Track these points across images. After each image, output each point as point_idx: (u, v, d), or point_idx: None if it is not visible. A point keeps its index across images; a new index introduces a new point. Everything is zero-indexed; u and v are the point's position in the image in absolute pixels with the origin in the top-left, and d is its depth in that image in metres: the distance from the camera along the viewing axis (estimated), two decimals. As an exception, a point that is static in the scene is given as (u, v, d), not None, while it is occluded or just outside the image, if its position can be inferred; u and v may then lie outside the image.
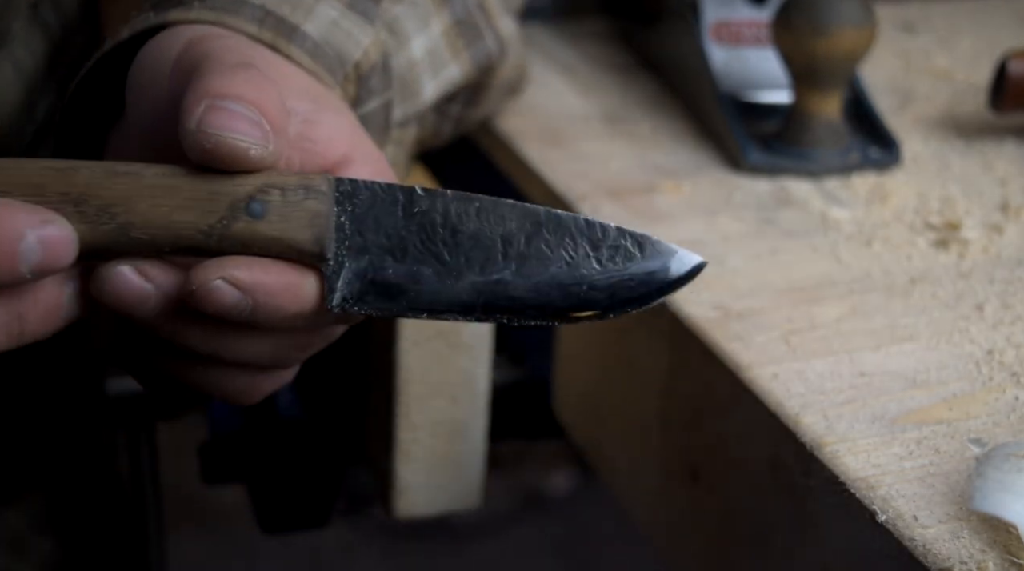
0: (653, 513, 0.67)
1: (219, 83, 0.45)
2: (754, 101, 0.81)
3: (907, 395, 0.56)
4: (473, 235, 0.47)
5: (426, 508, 0.73)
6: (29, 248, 0.43)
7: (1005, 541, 0.47)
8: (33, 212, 0.43)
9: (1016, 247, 0.68)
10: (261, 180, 0.45)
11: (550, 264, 0.47)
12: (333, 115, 0.51)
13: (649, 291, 0.48)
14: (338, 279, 0.46)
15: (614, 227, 0.47)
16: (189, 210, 0.45)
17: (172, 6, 0.55)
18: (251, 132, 0.45)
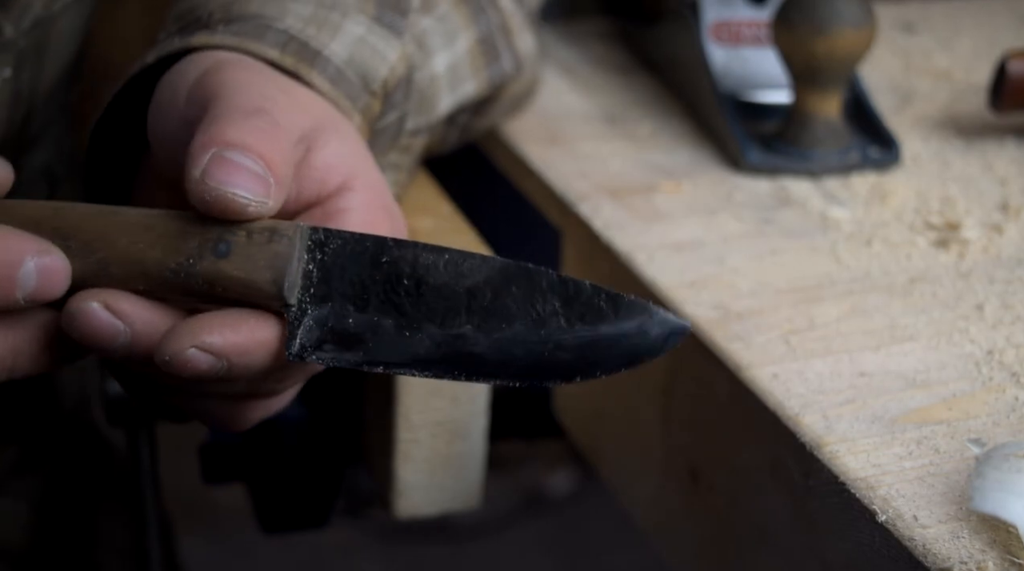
0: (653, 513, 0.67)
1: (228, 131, 0.46)
2: (754, 101, 0.81)
3: (907, 395, 0.56)
4: (438, 287, 0.46)
5: (426, 508, 0.73)
6: (27, 274, 0.44)
7: (1005, 541, 0.47)
8: (33, 241, 0.44)
9: (1016, 247, 0.68)
10: (230, 223, 0.46)
11: (515, 320, 0.45)
12: (337, 142, 0.51)
13: (621, 354, 0.46)
14: (299, 326, 0.46)
15: (588, 285, 0.46)
16: (160, 248, 0.45)
17: (199, 28, 0.55)
18: (253, 188, 0.45)
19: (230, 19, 0.56)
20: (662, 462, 0.65)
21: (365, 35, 0.59)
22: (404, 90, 0.61)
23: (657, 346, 0.46)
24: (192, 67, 0.52)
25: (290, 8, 0.57)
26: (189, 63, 0.53)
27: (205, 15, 0.57)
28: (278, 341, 0.46)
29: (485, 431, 0.73)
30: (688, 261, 0.66)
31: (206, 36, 0.54)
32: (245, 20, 0.56)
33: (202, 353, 0.45)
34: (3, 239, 0.44)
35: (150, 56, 0.55)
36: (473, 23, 0.69)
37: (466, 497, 0.74)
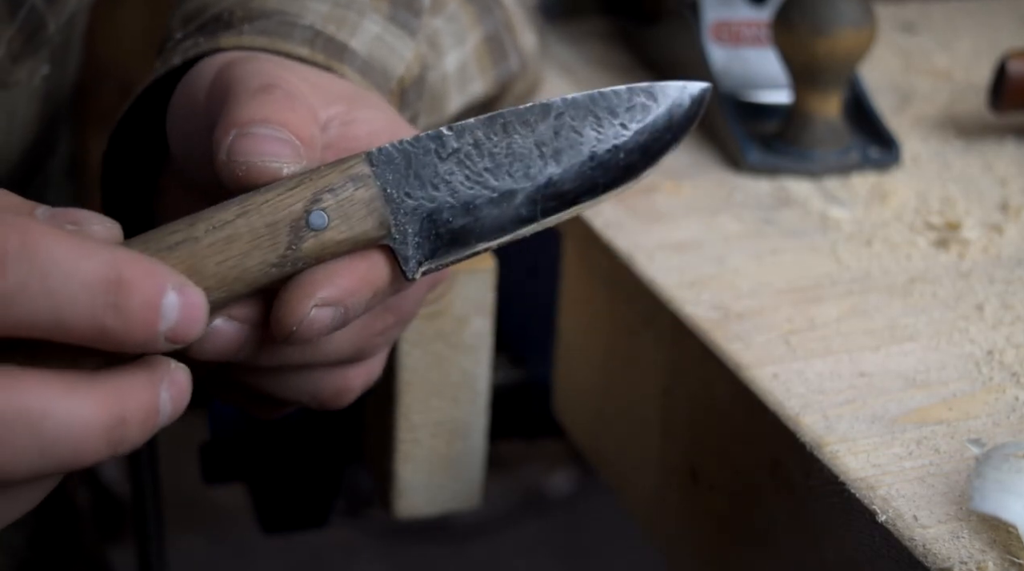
0: (653, 513, 0.67)
1: (244, 111, 0.46)
2: (754, 101, 0.81)
3: (907, 395, 0.56)
4: (509, 152, 0.48)
5: (426, 508, 0.73)
6: (170, 305, 0.40)
7: (1005, 541, 0.47)
8: (170, 272, 0.41)
9: (1016, 247, 0.68)
10: (308, 191, 0.45)
11: (584, 146, 0.48)
12: (371, 111, 0.51)
13: (673, 131, 0.50)
14: (408, 247, 0.47)
15: (624, 88, 0.49)
16: (256, 251, 0.44)
17: (221, 28, 0.55)
18: (281, 151, 0.45)
19: (252, 16, 0.55)
20: (662, 462, 0.65)
21: (382, 34, 0.59)
22: (417, 90, 0.61)
23: (694, 109, 0.51)
24: (206, 69, 0.52)
25: (308, 5, 0.57)
26: (202, 67, 0.52)
27: (225, 14, 0.56)
28: (378, 269, 0.47)
29: (485, 431, 0.73)
30: (688, 261, 0.66)
31: (234, 37, 0.54)
32: (268, 17, 0.55)
33: (322, 309, 0.45)
34: (141, 265, 0.40)
35: (176, 58, 0.55)
36: (479, 22, 0.69)
37: (466, 497, 0.74)
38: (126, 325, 0.39)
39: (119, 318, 0.39)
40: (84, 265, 0.39)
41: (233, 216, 0.44)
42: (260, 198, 0.44)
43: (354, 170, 0.46)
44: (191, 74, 0.52)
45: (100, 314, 0.39)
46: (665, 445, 0.65)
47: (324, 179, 0.45)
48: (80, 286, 0.38)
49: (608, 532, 1.89)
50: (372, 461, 0.77)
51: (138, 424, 0.40)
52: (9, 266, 0.38)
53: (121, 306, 0.39)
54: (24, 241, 0.38)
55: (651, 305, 0.64)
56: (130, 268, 0.39)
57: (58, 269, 0.38)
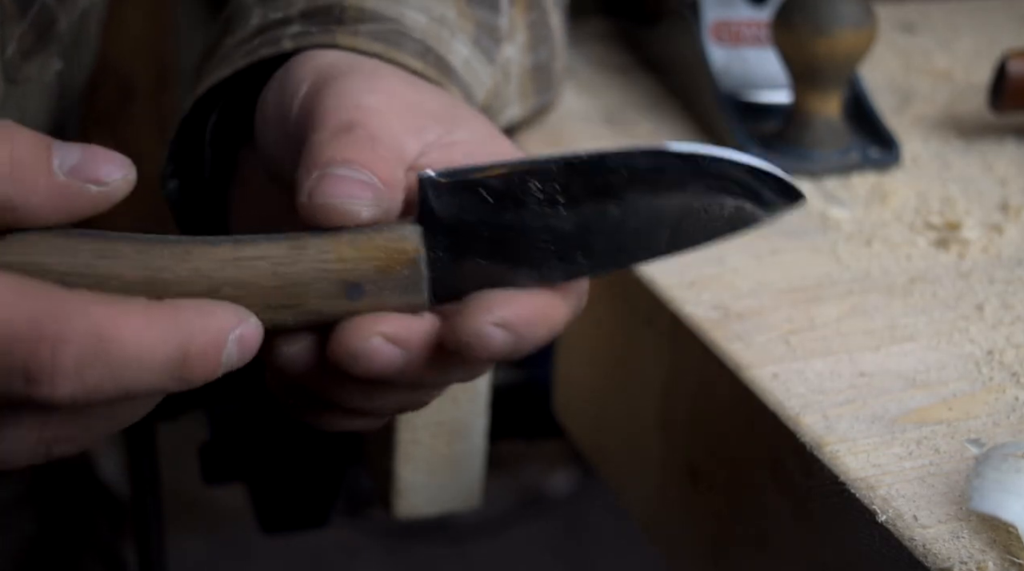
0: (653, 513, 0.67)
1: (327, 151, 0.46)
2: (754, 101, 0.81)
3: (907, 395, 0.56)
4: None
5: (426, 508, 0.73)
6: (229, 351, 0.42)
7: (1005, 541, 0.47)
8: (232, 312, 0.43)
9: (1016, 247, 0.68)
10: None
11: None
12: (468, 132, 0.50)
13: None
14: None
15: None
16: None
17: (333, 23, 0.54)
18: (361, 194, 0.45)
19: (363, 17, 0.55)
20: (662, 462, 0.65)
21: (469, 58, 0.59)
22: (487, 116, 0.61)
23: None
24: (299, 74, 0.51)
25: (407, 14, 0.56)
26: (297, 69, 0.52)
27: (336, 9, 0.55)
28: (562, 310, 0.46)
29: (485, 431, 0.73)
30: (688, 261, 0.66)
31: (350, 37, 0.53)
32: (378, 21, 0.55)
33: (499, 329, 0.44)
34: (207, 316, 0.42)
35: (287, 43, 0.54)
36: (532, 50, 0.69)
37: (466, 497, 0.74)
38: (189, 386, 0.42)
39: (182, 384, 0.42)
40: (152, 353, 0.41)
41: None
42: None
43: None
44: (292, 67, 0.52)
45: (165, 386, 0.42)
46: (665, 445, 0.65)
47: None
48: (149, 373, 0.41)
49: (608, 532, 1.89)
50: (372, 461, 0.77)
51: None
52: (86, 373, 0.40)
53: (185, 378, 0.42)
54: (98, 344, 0.40)
55: (651, 305, 0.64)
56: (196, 341, 0.41)
57: (130, 367, 0.40)
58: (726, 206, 0.46)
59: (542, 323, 0.45)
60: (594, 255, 0.46)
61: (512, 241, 0.45)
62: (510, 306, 0.44)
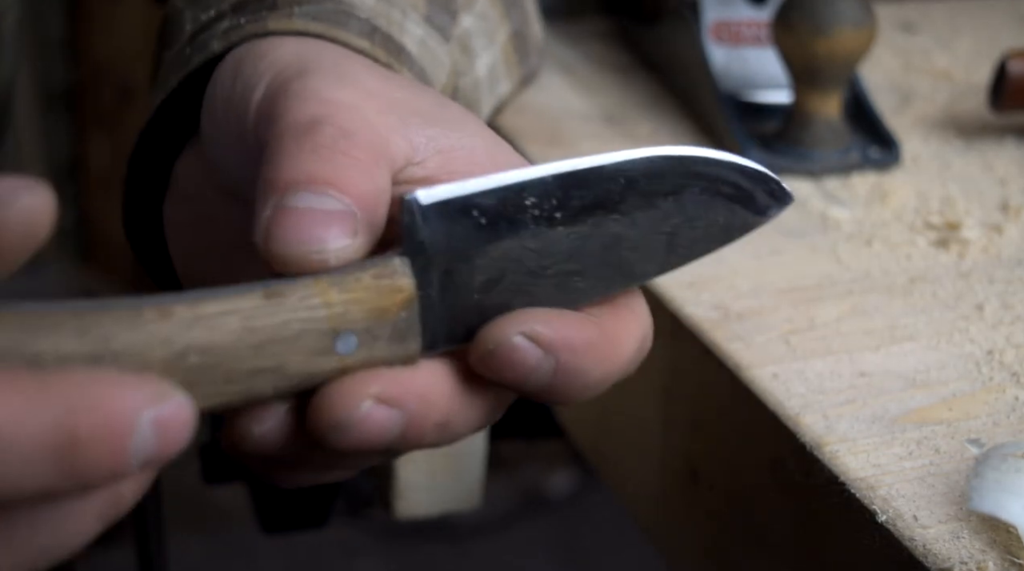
0: (653, 513, 0.67)
1: (286, 165, 0.38)
2: (754, 101, 0.81)
3: (907, 395, 0.56)
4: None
5: (426, 508, 0.73)
6: (141, 436, 0.32)
7: (1005, 541, 0.47)
8: (148, 384, 0.33)
9: (1016, 247, 0.68)
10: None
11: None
12: (466, 136, 0.43)
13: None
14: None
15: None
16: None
17: (266, 10, 0.47)
18: (324, 234, 0.37)
19: (300, 0, 0.48)
20: (662, 462, 0.65)
21: (425, 38, 0.53)
22: (453, 99, 0.56)
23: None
24: (253, 67, 0.44)
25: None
26: (248, 62, 0.45)
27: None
28: (612, 349, 0.40)
29: (485, 431, 0.73)
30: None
31: (284, 20, 0.46)
32: (318, 1, 0.48)
33: (529, 343, 0.38)
34: (107, 387, 0.32)
35: (215, 44, 0.47)
36: (507, 17, 0.63)
37: (466, 497, 0.74)
38: (86, 484, 0.32)
39: (76, 481, 0.32)
40: (26, 433, 0.31)
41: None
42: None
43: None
44: (235, 64, 0.45)
45: (53, 483, 0.32)
46: (665, 445, 0.65)
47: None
48: (24, 463, 0.31)
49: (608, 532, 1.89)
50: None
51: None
52: None
53: (79, 472, 0.32)
54: None
55: (651, 305, 0.64)
56: (85, 421, 0.32)
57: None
58: (721, 212, 0.43)
59: (592, 357, 0.39)
60: (592, 275, 0.41)
61: (508, 271, 0.40)
62: (551, 324, 0.39)
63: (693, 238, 0.43)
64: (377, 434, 0.37)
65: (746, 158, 0.76)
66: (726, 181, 0.43)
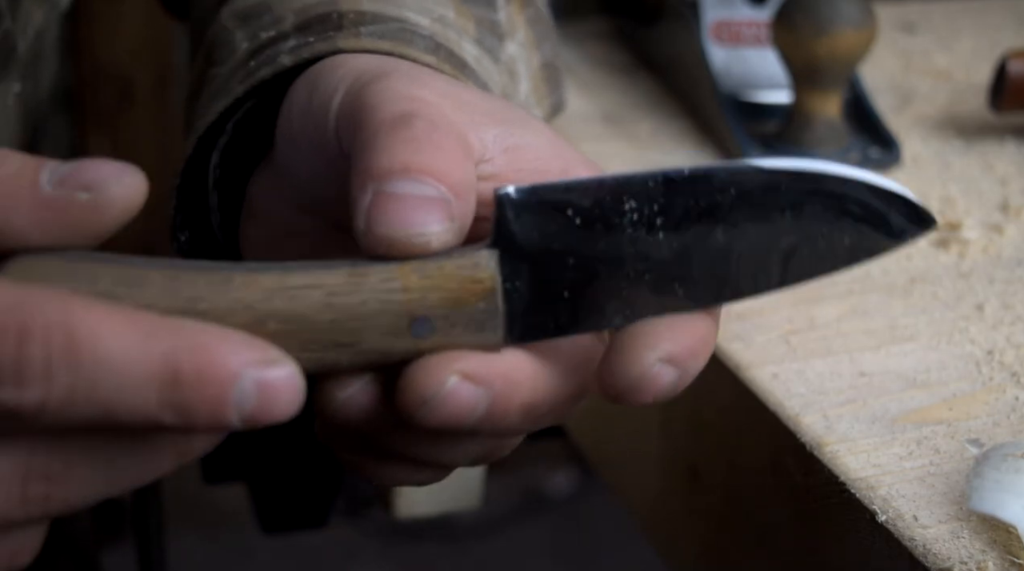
0: (653, 513, 0.67)
1: (381, 156, 0.39)
2: (754, 101, 0.81)
3: (907, 395, 0.56)
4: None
5: (426, 508, 0.73)
6: (243, 389, 0.35)
7: (1005, 541, 0.47)
8: (257, 347, 0.35)
9: (1016, 247, 0.68)
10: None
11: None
12: (532, 135, 0.44)
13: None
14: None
15: None
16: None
17: (331, 30, 0.48)
18: (426, 219, 0.38)
19: (363, 20, 0.49)
20: (662, 462, 0.65)
21: (480, 57, 0.54)
22: None
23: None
24: (331, 80, 0.45)
25: (411, 17, 0.51)
26: (325, 76, 0.45)
27: (334, 15, 0.50)
28: (715, 334, 0.41)
29: (485, 431, 0.73)
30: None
31: (352, 39, 0.48)
32: (382, 22, 0.49)
33: (666, 366, 0.39)
34: (213, 336, 0.35)
35: (285, 59, 0.48)
36: (539, 47, 0.65)
37: (466, 497, 0.74)
38: (188, 422, 0.35)
39: (179, 416, 0.35)
40: (136, 363, 0.34)
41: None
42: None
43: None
44: (305, 81, 0.46)
45: (156, 413, 0.35)
46: (665, 445, 0.65)
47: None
48: (132, 389, 0.34)
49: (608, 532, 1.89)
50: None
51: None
52: (54, 373, 0.34)
53: (180, 405, 0.35)
54: (69, 341, 0.34)
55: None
56: (190, 359, 0.34)
57: (107, 373, 0.34)
58: (847, 232, 0.41)
59: (703, 352, 0.41)
60: (694, 286, 0.40)
61: (602, 272, 0.40)
62: (675, 337, 0.39)
63: (814, 257, 0.41)
64: (464, 410, 0.38)
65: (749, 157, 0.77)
66: (854, 199, 0.41)
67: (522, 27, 0.64)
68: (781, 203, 0.40)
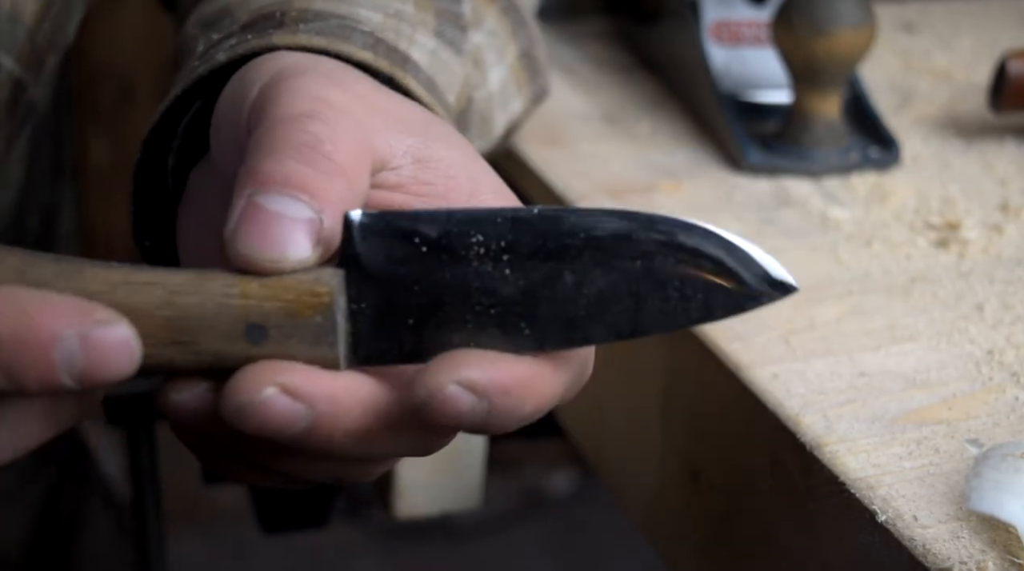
0: (653, 513, 0.67)
1: (266, 161, 0.39)
2: (754, 101, 0.81)
3: (907, 395, 0.56)
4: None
5: (426, 508, 0.73)
6: (68, 349, 0.35)
7: (1005, 541, 0.47)
8: (72, 305, 0.36)
9: (1016, 247, 0.68)
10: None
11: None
12: (446, 149, 0.44)
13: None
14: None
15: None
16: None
17: (273, 27, 0.49)
18: (289, 241, 0.38)
19: (306, 18, 0.49)
20: (662, 462, 0.65)
21: (436, 49, 0.54)
22: (467, 111, 0.57)
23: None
24: (255, 74, 0.45)
25: (360, 13, 0.51)
26: (252, 70, 0.46)
27: (277, 13, 0.50)
28: (552, 383, 0.40)
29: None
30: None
31: (289, 35, 0.48)
32: (324, 19, 0.50)
33: (463, 391, 0.38)
34: (24, 303, 0.35)
35: (221, 56, 0.48)
36: (515, 36, 0.65)
37: (466, 497, 0.74)
38: (19, 384, 0.36)
39: (8, 380, 0.35)
40: None
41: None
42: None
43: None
44: (240, 74, 0.47)
45: None
46: (665, 445, 0.65)
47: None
48: None
49: (608, 532, 1.90)
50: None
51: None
52: None
53: (4, 369, 0.35)
54: None
55: (651, 305, 0.64)
56: (7, 324, 0.35)
57: None
58: (700, 288, 0.40)
59: (524, 395, 0.39)
60: (541, 327, 0.40)
61: (448, 302, 0.40)
62: (483, 368, 0.38)
63: (666, 308, 0.40)
64: (277, 423, 0.38)
65: (747, 159, 0.77)
66: (708, 256, 0.40)
67: (491, 17, 0.64)
68: (631, 251, 0.40)
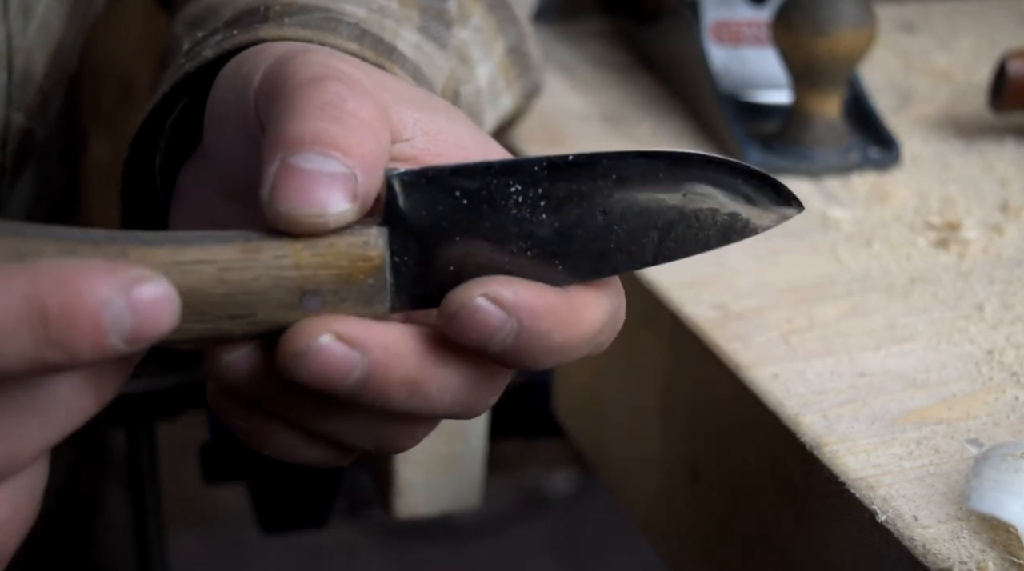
0: (653, 513, 0.67)
1: (292, 124, 0.39)
2: (754, 101, 0.81)
3: (907, 395, 0.56)
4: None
5: (426, 508, 0.73)
6: (116, 312, 0.35)
7: (1005, 541, 0.47)
8: (114, 267, 0.35)
9: (1016, 247, 0.68)
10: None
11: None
12: (450, 122, 0.44)
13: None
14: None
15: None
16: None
17: (258, 22, 0.49)
18: (328, 198, 0.38)
19: (290, 11, 0.49)
20: (662, 462, 0.65)
21: (420, 43, 0.54)
22: (455, 105, 0.56)
23: None
24: (254, 61, 0.45)
25: (344, 7, 0.52)
26: (249, 59, 0.46)
27: (261, 8, 0.50)
28: (585, 312, 0.41)
29: (485, 431, 0.73)
30: (688, 261, 0.66)
31: (275, 29, 0.48)
32: (308, 12, 0.50)
33: (491, 304, 0.39)
34: (68, 269, 0.35)
35: (207, 51, 0.48)
36: (502, 33, 0.66)
37: (466, 497, 0.74)
38: (73, 356, 0.35)
39: (62, 352, 0.34)
40: (2, 307, 0.34)
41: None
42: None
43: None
44: (233, 66, 0.46)
45: (40, 355, 0.34)
46: (665, 445, 0.65)
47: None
48: (5, 338, 0.34)
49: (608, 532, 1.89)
50: (372, 461, 0.77)
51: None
52: None
53: (57, 342, 0.34)
54: None
55: (651, 305, 0.64)
56: (53, 294, 0.34)
57: None
58: (719, 213, 0.43)
59: (553, 322, 0.40)
60: (574, 261, 0.42)
61: (487, 248, 0.41)
62: (513, 288, 0.39)
63: (687, 236, 0.44)
64: (336, 370, 0.38)
65: (746, 159, 0.77)
66: (726, 183, 0.43)
67: (478, 14, 0.64)
68: (659, 188, 0.42)
